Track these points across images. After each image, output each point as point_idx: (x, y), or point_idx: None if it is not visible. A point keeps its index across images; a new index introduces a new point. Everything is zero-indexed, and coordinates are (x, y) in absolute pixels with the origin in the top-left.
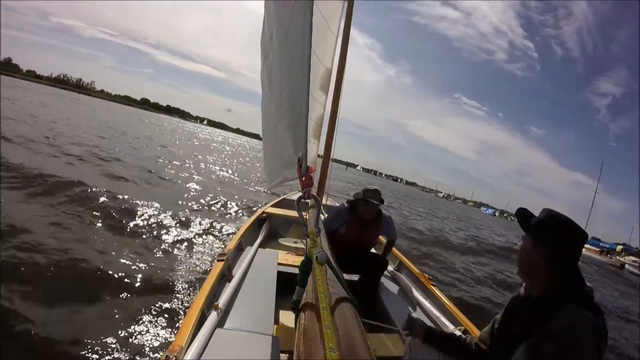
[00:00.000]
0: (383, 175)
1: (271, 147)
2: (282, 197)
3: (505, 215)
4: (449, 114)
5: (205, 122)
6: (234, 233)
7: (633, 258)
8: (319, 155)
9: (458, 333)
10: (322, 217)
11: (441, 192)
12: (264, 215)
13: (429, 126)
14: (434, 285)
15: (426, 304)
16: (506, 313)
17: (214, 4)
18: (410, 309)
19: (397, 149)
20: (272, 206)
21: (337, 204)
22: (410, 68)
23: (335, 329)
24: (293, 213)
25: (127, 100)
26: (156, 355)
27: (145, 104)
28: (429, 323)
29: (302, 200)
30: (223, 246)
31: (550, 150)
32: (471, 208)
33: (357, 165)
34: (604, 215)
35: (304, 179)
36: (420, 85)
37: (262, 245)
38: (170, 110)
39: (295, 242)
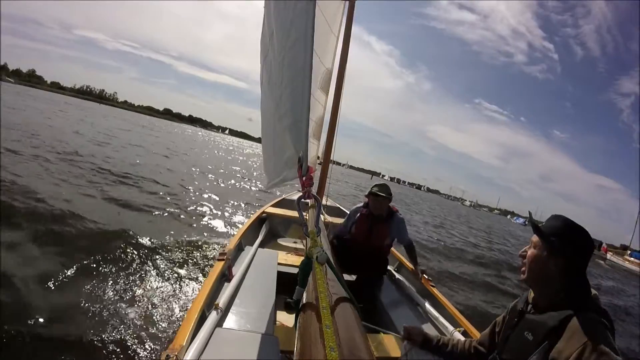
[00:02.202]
0: (406, 183)
1: (270, 147)
2: (281, 197)
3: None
4: (470, 120)
5: (227, 132)
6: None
7: None
8: (318, 157)
9: (457, 335)
10: (322, 217)
11: (467, 201)
12: (264, 215)
13: (450, 132)
14: (433, 286)
15: (426, 304)
16: (510, 318)
17: (235, 14)
18: (409, 310)
19: (419, 155)
20: (272, 206)
21: (338, 205)
22: (430, 74)
23: (335, 328)
24: (293, 213)
25: (149, 111)
26: (156, 354)
27: (167, 114)
28: (428, 324)
29: (303, 200)
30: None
31: (575, 154)
32: (498, 216)
33: (384, 175)
34: (630, 220)
35: (304, 179)
36: (440, 91)
37: (262, 245)
38: (192, 120)
39: (295, 242)
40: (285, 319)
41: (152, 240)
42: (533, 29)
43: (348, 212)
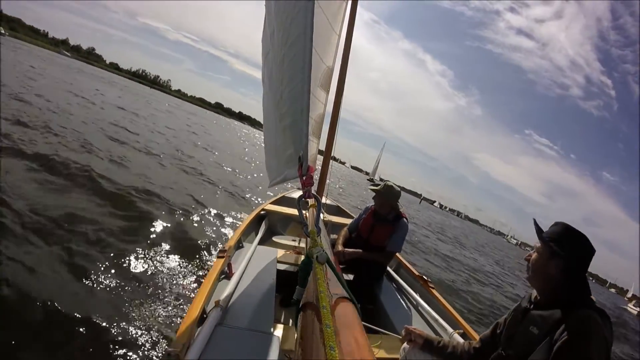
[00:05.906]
0: (447, 209)
1: (272, 145)
2: (281, 195)
3: None
4: (518, 151)
5: None
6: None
7: None
8: (320, 151)
9: (456, 336)
10: (322, 216)
11: (512, 238)
12: (263, 212)
13: (496, 162)
14: (432, 288)
15: (425, 305)
16: (514, 317)
17: None
18: (408, 310)
19: (461, 182)
20: (271, 203)
21: (337, 203)
22: (481, 99)
23: (335, 328)
24: (292, 211)
25: (201, 102)
26: (158, 352)
27: (218, 107)
28: (427, 325)
29: (303, 199)
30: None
31: (623, 200)
32: None
33: (435, 201)
34: None
35: (304, 178)
36: (491, 118)
37: (261, 242)
38: (242, 117)
39: (294, 240)
40: (285, 317)
41: (152, 237)
42: (592, 62)
43: (348, 211)
